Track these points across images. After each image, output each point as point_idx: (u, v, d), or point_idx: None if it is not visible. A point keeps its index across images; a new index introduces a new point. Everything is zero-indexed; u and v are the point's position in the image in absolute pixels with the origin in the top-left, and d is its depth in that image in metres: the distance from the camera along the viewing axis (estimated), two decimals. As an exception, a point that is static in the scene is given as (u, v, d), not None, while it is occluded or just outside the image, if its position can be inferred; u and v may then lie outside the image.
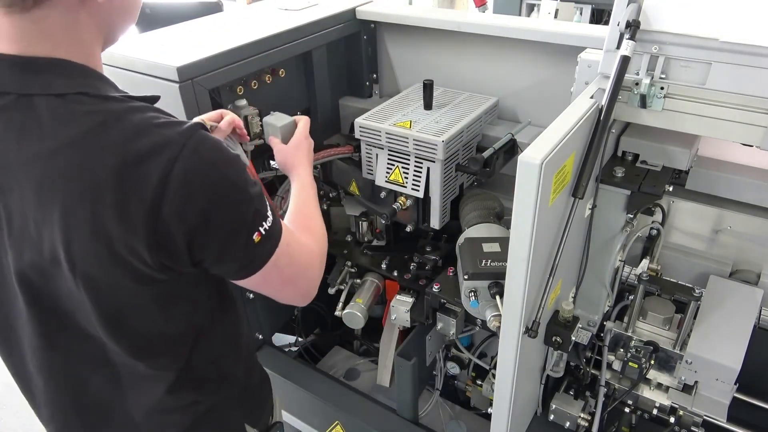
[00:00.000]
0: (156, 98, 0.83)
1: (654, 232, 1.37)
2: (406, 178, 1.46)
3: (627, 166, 1.22)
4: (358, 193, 1.60)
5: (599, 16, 3.51)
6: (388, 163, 1.48)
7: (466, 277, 1.24)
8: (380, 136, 1.44)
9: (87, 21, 0.75)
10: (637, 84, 1.05)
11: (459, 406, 2.01)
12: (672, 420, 1.31)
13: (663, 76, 1.03)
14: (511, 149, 1.44)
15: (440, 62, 1.71)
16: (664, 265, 1.43)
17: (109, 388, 0.93)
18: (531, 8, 3.70)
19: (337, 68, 1.78)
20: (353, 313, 1.62)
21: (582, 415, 1.37)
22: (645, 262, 1.41)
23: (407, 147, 1.41)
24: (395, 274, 1.61)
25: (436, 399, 1.88)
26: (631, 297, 1.39)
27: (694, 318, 1.26)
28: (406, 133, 1.40)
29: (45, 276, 0.78)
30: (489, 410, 1.30)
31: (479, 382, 1.81)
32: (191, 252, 0.78)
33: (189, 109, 1.28)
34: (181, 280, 0.84)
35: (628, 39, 0.98)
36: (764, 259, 1.37)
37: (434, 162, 1.40)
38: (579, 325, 1.21)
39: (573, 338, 1.18)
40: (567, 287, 1.26)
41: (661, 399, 1.31)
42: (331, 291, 1.75)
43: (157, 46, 1.43)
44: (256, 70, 1.46)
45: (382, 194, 1.53)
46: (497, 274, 1.21)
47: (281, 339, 2.15)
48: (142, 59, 1.32)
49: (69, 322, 0.84)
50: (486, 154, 1.37)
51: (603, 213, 1.22)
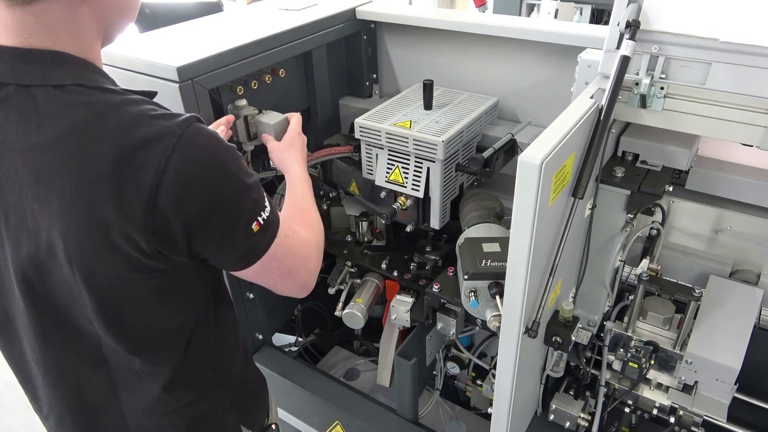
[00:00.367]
0: (153, 93, 0.83)
1: (654, 232, 1.37)
2: (406, 178, 1.46)
3: (627, 166, 1.22)
4: (358, 193, 1.60)
5: (599, 16, 3.52)
6: (388, 163, 1.48)
7: (466, 277, 1.24)
8: (380, 136, 1.44)
9: (87, 16, 0.76)
10: (637, 84, 1.05)
11: (459, 406, 2.01)
12: (672, 420, 1.31)
13: (663, 76, 1.03)
14: (511, 149, 1.44)
15: (440, 62, 1.71)
16: (664, 265, 1.43)
17: (104, 390, 0.93)
18: (531, 8, 3.70)
19: (337, 68, 1.78)
20: (353, 313, 1.62)
21: (582, 415, 1.37)
22: (645, 262, 1.41)
23: (407, 147, 1.41)
24: (395, 274, 1.61)
25: (436, 399, 1.88)
26: (631, 297, 1.39)
27: (694, 318, 1.26)
28: (406, 133, 1.40)
29: (42, 270, 0.78)
30: (489, 410, 1.29)
31: (479, 382, 1.81)
32: (189, 242, 0.79)
33: (189, 109, 1.28)
34: (178, 272, 0.84)
35: (628, 39, 0.98)
36: (764, 259, 1.37)
37: (434, 162, 1.40)
38: (579, 325, 1.21)
39: (573, 338, 1.18)
40: (567, 287, 1.26)
41: (661, 399, 1.31)
42: (331, 291, 1.75)
43: (157, 46, 1.43)
44: (256, 70, 1.46)
45: (382, 194, 1.53)
46: (497, 274, 1.21)
47: (281, 339, 2.15)
48: (142, 59, 1.32)
49: (64, 318, 0.84)
50: (486, 154, 1.37)
51: (603, 213, 1.22)
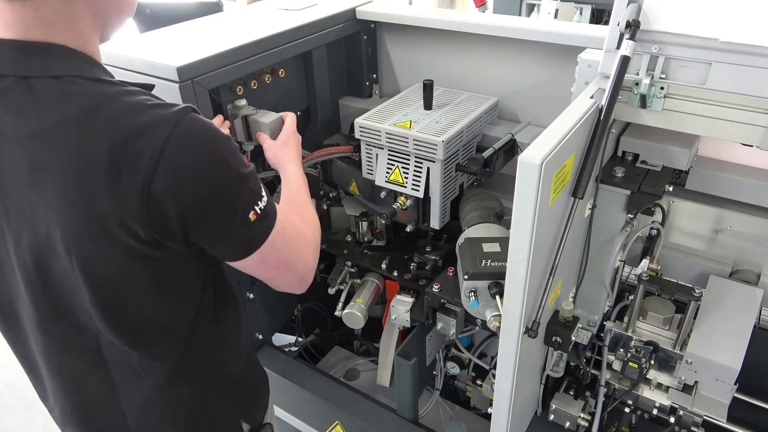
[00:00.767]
0: (151, 86, 0.84)
1: (654, 232, 1.37)
2: (406, 178, 1.46)
3: (627, 166, 1.22)
4: (358, 193, 1.60)
5: (599, 16, 3.52)
6: (388, 163, 1.48)
7: (466, 277, 1.24)
8: (380, 136, 1.44)
9: (84, 10, 0.77)
10: (637, 84, 1.05)
11: (459, 406, 2.01)
12: (672, 420, 1.31)
13: (663, 76, 1.03)
14: (511, 149, 1.44)
15: (440, 62, 1.71)
16: (664, 265, 1.43)
17: (103, 388, 0.93)
18: (531, 8, 3.70)
19: (337, 68, 1.78)
20: (353, 313, 1.62)
21: (582, 415, 1.37)
22: (645, 262, 1.41)
23: (407, 147, 1.41)
24: (395, 274, 1.61)
25: (436, 399, 1.88)
26: (631, 297, 1.39)
27: (694, 318, 1.26)
28: (406, 133, 1.40)
29: (41, 260, 0.79)
30: (489, 410, 1.29)
31: (479, 382, 1.81)
32: (186, 230, 0.79)
33: (189, 109, 1.28)
34: (174, 261, 0.84)
35: (628, 39, 0.98)
36: (764, 259, 1.37)
37: (434, 162, 1.40)
38: (579, 325, 1.21)
39: (573, 338, 1.18)
40: (567, 287, 1.26)
41: (661, 399, 1.31)
42: (331, 291, 1.75)
43: (157, 46, 1.43)
44: (255, 70, 1.46)
45: (382, 194, 1.53)
46: (497, 274, 1.21)
47: (281, 339, 2.15)
48: (142, 59, 1.32)
49: (63, 311, 0.85)
50: (486, 154, 1.37)
51: (603, 213, 1.22)
